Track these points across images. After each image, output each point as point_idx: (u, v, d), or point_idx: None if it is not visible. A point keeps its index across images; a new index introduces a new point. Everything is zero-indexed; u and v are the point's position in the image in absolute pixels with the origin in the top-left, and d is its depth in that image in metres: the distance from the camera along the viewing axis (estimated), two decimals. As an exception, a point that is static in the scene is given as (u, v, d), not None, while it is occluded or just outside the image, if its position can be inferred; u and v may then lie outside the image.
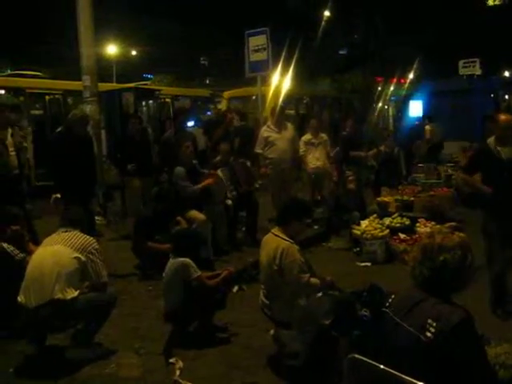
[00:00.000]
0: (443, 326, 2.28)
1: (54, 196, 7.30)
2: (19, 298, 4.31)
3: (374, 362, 2.28)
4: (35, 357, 4.40)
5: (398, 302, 2.56)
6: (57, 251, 4.42)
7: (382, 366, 2.24)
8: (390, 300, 2.60)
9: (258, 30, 11.51)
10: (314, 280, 4.40)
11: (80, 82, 9.26)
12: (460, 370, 2.25)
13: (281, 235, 4.46)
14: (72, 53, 9.73)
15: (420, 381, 2.14)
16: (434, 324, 2.29)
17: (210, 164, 8.48)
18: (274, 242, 4.47)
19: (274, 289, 4.42)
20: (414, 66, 26.07)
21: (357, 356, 2.34)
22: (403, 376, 2.17)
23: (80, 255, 4.39)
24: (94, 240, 4.63)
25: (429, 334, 2.30)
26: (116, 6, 30.27)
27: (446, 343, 2.26)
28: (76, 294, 4.30)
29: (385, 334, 2.53)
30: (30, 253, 4.94)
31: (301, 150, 9.50)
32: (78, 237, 4.51)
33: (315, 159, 9.57)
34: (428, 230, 7.13)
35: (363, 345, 2.94)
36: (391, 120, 23.23)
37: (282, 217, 4.67)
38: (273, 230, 4.60)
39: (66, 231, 4.57)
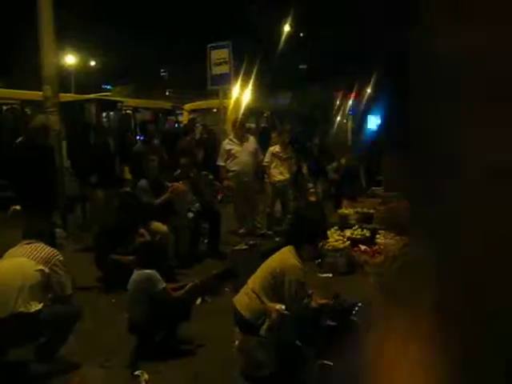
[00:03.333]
0: None
1: (13, 208, 7.17)
2: None
3: (343, 368, 2.36)
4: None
5: (364, 310, 2.65)
6: (20, 264, 4.35)
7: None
8: (357, 308, 2.68)
9: (221, 43, 11.63)
10: (314, 304, 4.48)
11: (38, 92, 9.13)
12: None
13: (293, 253, 4.53)
14: (29, 62, 9.59)
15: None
16: None
17: (171, 177, 8.47)
18: (286, 255, 4.55)
19: (260, 290, 4.44)
20: (371, 81, 26.62)
21: (326, 362, 2.41)
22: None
23: (44, 267, 4.34)
24: (58, 252, 4.58)
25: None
26: (74, 15, 29.92)
27: None
28: (40, 306, 4.23)
29: (352, 341, 2.61)
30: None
31: (265, 161, 9.56)
32: (41, 249, 4.45)
33: (279, 173, 9.63)
34: (388, 241, 7.31)
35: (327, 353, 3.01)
36: (350, 134, 23.62)
37: (293, 238, 4.73)
38: (288, 247, 4.65)
39: (29, 243, 4.51)
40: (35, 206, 6.65)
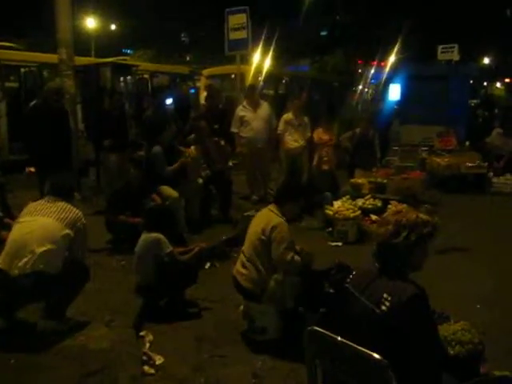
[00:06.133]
0: (397, 300, 2.38)
1: (27, 169, 7.27)
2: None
3: (332, 334, 2.37)
4: (5, 330, 4.41)
5: (358, 277, 2.66)
6: (47, 225, 4.34)
7: (339, 338, 2.33)
8: (352, 276, 2.69)
9: (238, 8, 11.43)
10: (297, 258, 4.48)
11: (56, 55, 9.13)
12: (410, 342, 2.35)
13: (275, 211, 4.57)
14: (49, 24, 9.56)
15: (375, 352, 2.22)
16: (389, 298, 2.39)
17: (184, 141, 8.48)
18: (267, 215, 4.58)
19: (254, 259, 4.49)
20: (394, 49, 26.16)
21: (316, 328, 2.43)
22: (359, 348, 2.26)
23: (70, 231, 4.37)
24: (81, 214, 4.60)
25: (383, 308, 2.39)
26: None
27: (399, 316, 2.36)
28: (59, 268, 4.29)
29: (345, 308, 2.63)
30: (5, 226, 4.92)
31: (279, 129, 9.48)
32: (68, 210, 4.46)
33: (293, 140, 9.56)
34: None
35: (329, 321, 3.02)
36: (368, 103, 23.35)
37: (279, 196, 4.79)
38: (269, 207, 4.72)
39: (55, 201, 4.50)
40: (48, 169, 6.73)
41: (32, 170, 7.21)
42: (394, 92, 18.44)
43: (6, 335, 4.36)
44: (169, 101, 14.16)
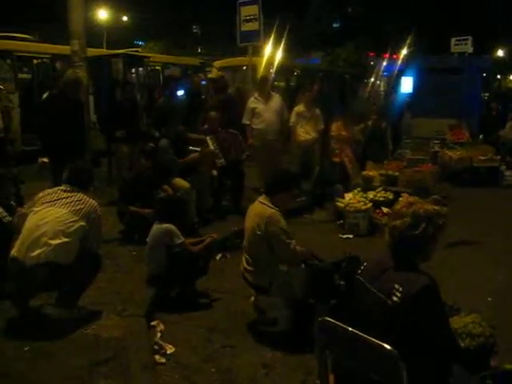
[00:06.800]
0: (408, 291, 2.38)
1: (40, 160, 7.28)
2: (14, 253, 4.28)
3: (343, 325, 2.38)
4: (18, 318, 4.45)
5: (369, 268, 2.66)
6: (62, 217, 4.34)
7: (350, 329, 2.34)
8: (363, 267, 2.70)
9: (251, -1, 11.36)
10: (299, 248, 4.46)
11: (69, 47, 9.15)
12: (421, 333, 2.36)
13: (267, 203, 4.50)
14: (61, 15, 9.57)
15: (386, 343, 2.23)
16: (400, 289, 2.40)
17: (198, 131, 8.50)
18: (260, 209, 4.51)
19: (256, 254, 4.48)
20: (407, 41, 25.95)
21: (327, 319, 2.44)
22: (370, 338, 2.26)
23: (85, 223, 4.39)
24: (97, 205, 4.61)
25: (395, 299, 2.40)
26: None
27: (410, 307, 2.36)
28: (73, 259, 4.33)
29: (356, 300, 2.63)
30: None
31: (291, 121, 9.48)
32: (83, 202, 4.46)
33: (305, 132, 9.55)
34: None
35: (340, 313, 3.03)
36: (381, 95, 23.19)
37: (269, 187, 4.69)
38: (260, 199, 4.64)
39: (72, 191, 4.52)
40: (61, 159, 6.75)
41: (45, 160, 7.21)
42: (406, 84, 18.28)
43: (20, 323, 4.41)
44: (180, 92, 14.17)
